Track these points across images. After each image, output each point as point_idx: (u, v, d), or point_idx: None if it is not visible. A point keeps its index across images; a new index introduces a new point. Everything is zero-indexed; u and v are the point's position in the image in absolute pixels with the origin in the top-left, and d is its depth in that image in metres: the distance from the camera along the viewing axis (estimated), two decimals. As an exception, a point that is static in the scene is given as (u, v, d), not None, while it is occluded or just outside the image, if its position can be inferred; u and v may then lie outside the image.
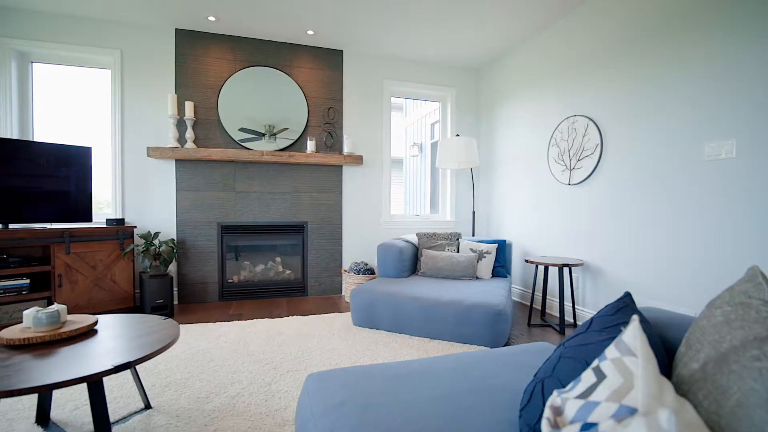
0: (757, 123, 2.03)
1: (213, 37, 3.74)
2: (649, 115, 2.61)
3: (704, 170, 2.29)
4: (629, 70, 2.75)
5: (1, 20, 3.29)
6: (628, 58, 2.76)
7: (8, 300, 2.83)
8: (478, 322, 2.59)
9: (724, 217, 2.19)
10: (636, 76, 2.70)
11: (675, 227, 2.45)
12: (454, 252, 3.59)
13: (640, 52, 2.67)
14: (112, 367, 1.27)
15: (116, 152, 3.57)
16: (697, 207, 2.33)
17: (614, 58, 2.87)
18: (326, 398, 1.25)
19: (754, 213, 2.05)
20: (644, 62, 2.64)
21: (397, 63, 4.35)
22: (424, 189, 6.59)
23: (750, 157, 2.06)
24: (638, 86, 2.68)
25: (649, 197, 2.62)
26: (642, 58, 2.66)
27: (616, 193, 2.86)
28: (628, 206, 2.77)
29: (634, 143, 2.72)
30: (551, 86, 3.51)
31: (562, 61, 3.38)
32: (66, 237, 3.04)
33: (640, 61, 2.67)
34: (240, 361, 2.31)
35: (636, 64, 2.70)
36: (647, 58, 2.62)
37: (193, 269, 3.73)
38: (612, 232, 2.90)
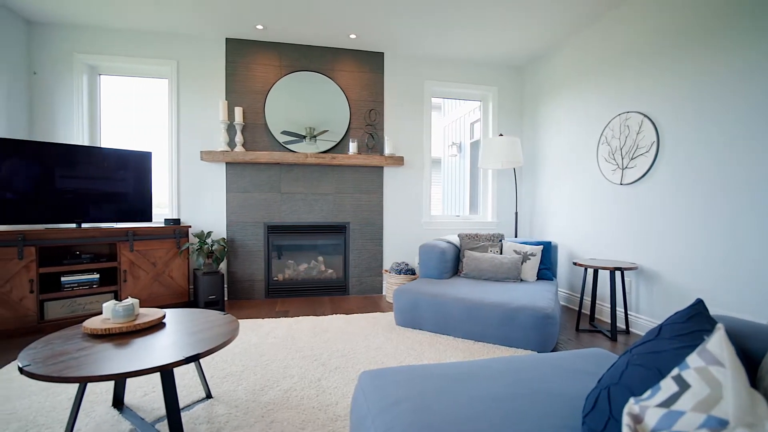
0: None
1: (260, 44, 3.90)
2: (711, 111, 2.44)
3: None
4: (689, 65, 2.59)
5: (75, 37, 3.60)
6: (688, 51, 2.60)
7: (81, 293, 3.09)
8: (525, 325, 2.53)
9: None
10: (696, 71, 2.54)
11: (737, 231, 2.29)
12: (497, 253, 3.53)
13: (701, 45, 2.50)
14: (183, 358, 1.36)
15: (172, 156, 3.80)
16: (762, 210, 2.16)
17: (672, 52, 2.71)
18: (382, 396, 1.27)
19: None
20: (706, 56, 2.48)
21: (437, 63, 4.34)
22: (463, 189, 6.51)
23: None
24: (699, 81, 2.52)
25: (709, 199, 2.46)
26: (704, 51, 2.49)
27: (674, 193, 2.70)
28: (688, 208, 2.61)
29: (695, 141, 2.56)
30: (600, 82, 3.37)
31: (611, 56, 3.23)
32: (130, 236, 3.27)
33: (701, 55, 2.51)
34: (290, 356, 2.40)
35: (697, 58, 2.54)
36: (710, 52, 2.46)
37: (241, 267, 3.90)
38: (670, 235, 2.74)
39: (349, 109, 4.05)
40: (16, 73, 3.40)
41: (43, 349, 1.45)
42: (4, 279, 2.76)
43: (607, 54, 3.29)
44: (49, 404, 1.82)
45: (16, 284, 2.81)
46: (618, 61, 3.18)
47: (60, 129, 3.60)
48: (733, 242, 2.33)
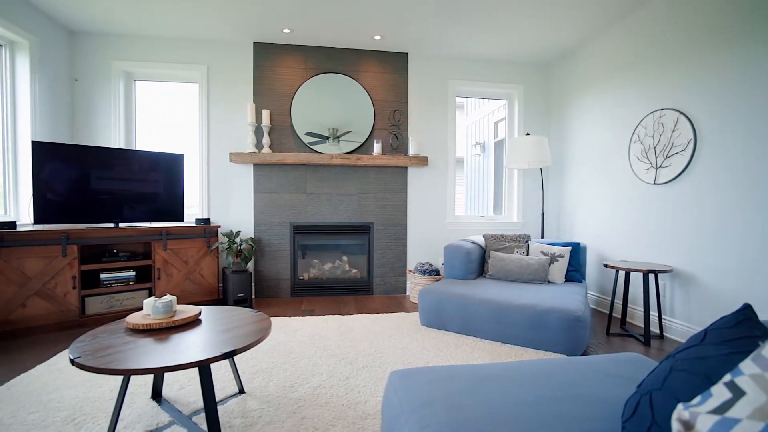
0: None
1: (287, 48, 3.97)
2: (753, 106, 2.33)
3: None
4: (729, 59, 2.48)
5: (113, 45, 3.77)
6: (728, 44, 2.49)
7: (119, 289, 3.23)
8: (553, 327, 2.49)
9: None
10: (736, 64, 2.43)
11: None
12: (523, 254, 3.47)
13: (742, 37, 2.39)
14: (221, 354, 1.41)
15: (203, 158, 3.92)
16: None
17: (710, 45, 2.60)
18: (414, 396, 1.28)
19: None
20: (747, 50, 2.37)
21: (462, 62, 4.31)
22: (487, 189, 6.44)
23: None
24: (739, 76, 2.41)
25: (752, 198, 2.35)
26: (744, 44, 2.38)
27: (713, 193, 2.60)
28: (728, 208, 2.50)
29: (736, 138, 2.45)
30: (632, 79, 3.26)
31: (644, 51, 3.13)
32: (164, 235, 3.40)
33: (741, 49, 2.40)
34: (317, 354, 2.43)
35: (737, 52, 2.43)
36: (751, 45, 2.35)
37: (268, 266, 3.99)
38: (708, 237, 2.63)
39: (374, 109, 4.07)
40: (60, 80, 3.58)
41: (91, 342, 1.52)
42: (50, 275, 2.92)
43: (639, 49, 3.19)
44: (93, 394, 1.92)
45: (61, 280, 2.97)
46: (651, 56, 3.08)
47: (99, 133, 3.77)
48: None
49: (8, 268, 2.76)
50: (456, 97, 4.37)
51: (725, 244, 2.52)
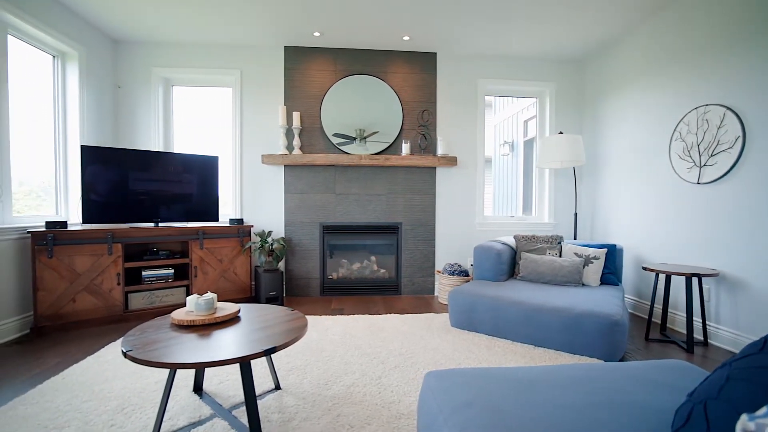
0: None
1: (316, 51, 4.03)
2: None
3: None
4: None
5: (153, 53, 3.94)
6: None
7: (158, 286, 3.38)
8: (590, 332, 2.42)
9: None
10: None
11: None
12: (555, 256, 3.39)
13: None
14: (262, 351, 1.46)
15: (236, 159, 4.04)
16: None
17: (761, 37, 2.46)
18: (452, 397, 1.28)
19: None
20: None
21: (491, 61, 4.25)
22: (516, 189, 6.32)
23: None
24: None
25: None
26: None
27: (765, 192, 2.45)
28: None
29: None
30: (673, 74, 3.13)
31: (686, 45, 2.99)
32: (200, 234, 3.53)
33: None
34: (349, 353, 2.46)
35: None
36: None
37: (298, 265, 4.07)
38: (760, 239, 2.48)
39: (402, 110, 4.08)
40: (104, 87, 3.78)
41: (140, 336, 1.60)
42: (97, 272, 3.09)
43: (681, 43, 3.05)
44: (138, 386, 2.02)
45: (106, 277, 3.13)
46: (694, 49, 2.94)
47: (139, 136, 3.95)
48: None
49: (60, 265, 2.94)
50: (485, 95, 4.31)
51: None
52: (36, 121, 3.23)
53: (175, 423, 1.67)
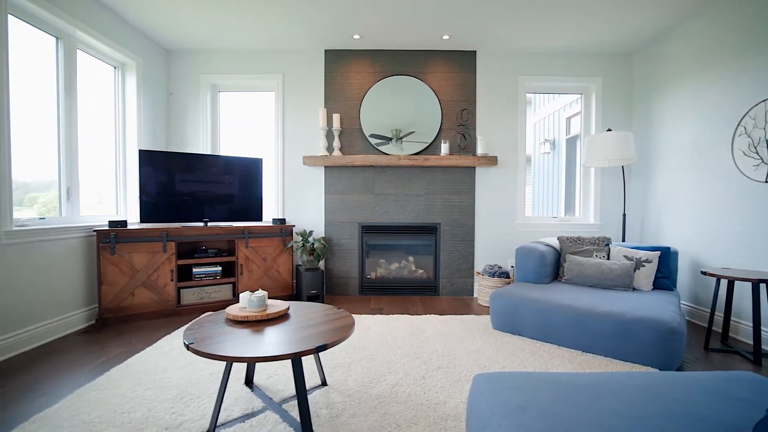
0: None
1: (356, 53, 4.09)
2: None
3: None
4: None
5: (201, 61, 4.14)
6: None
7: (207, 283, 3.55)
8: (644, 339, 2.30)
9: None
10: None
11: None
12: (603, 259, 3.26)
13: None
14: (314, 348, 1.50)
15: (278, 161, 4.17)
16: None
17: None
18: (505, 400, 1.27)
19: None
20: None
21: (533, 57, 4.13)
22: (557, 189, 6.11)
23: None
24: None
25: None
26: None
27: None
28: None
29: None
30: (735, 65, 2.91)
31: (751, 33, 2.77)
32: (245, 234, 3.67)
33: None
34: (391, 353, 2.48)
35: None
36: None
37: (337, 264, 4.14)
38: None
39: (441, 110, 4.05)
40: (158, 94, 4.02)
41: (199, 330, 1.70)
42: (153, 268, 3.29)
43: (743, 32, 2.84)
44: (194, 377, 2.13)
45: (161, 273, 3.33)
46: (760, 39, 2.72)
47: (188, 140, 4.17)
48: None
49: (121, 262, 3.15)
50: (527, 93, 4.21)
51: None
52: (98, 127, 3.48)
53: (230, 414, 1.75)
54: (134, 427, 1.65)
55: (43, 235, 2.71)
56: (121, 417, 1.73)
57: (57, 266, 2.85)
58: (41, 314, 2.72)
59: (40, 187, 2.91)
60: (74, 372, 2.25)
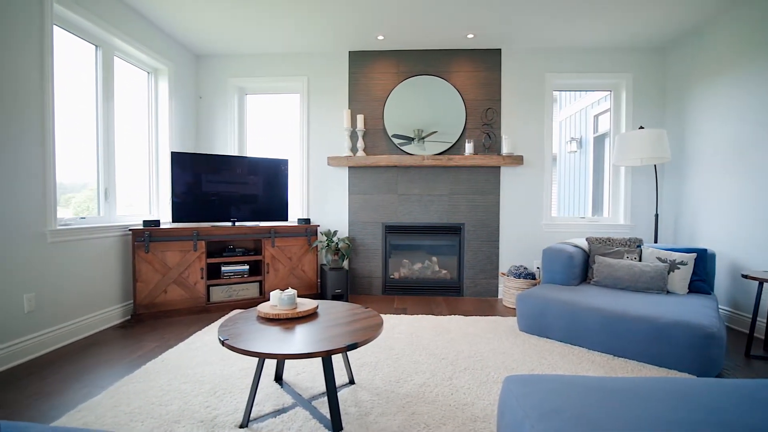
0: None
1: (379, 54, 4.11)
2: None
3: None
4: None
5: (229, 65, 4.26)
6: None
7: (235, 281, 3.64)
8: (680, 344, 2.23)
9: None
10: None
11: None
12: (635, 260, 3.16)
13: None
14: (344, 346, 1.52)
15: (303, 162, 4.24)
16: None
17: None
18: (538, 403, 1.25)
19: None
20: None
21: (559, 54, 4.05)
22: (584, 189, 5.97)
23: None
24: None
25: None
26: None
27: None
28: None
29: None
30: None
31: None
32: (272, 233, 3.74)
33: None
34: (417, 353, 2.49)
35: None
36: None
37: (361, 264, 4.17)
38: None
39: (465, 109, 4.02)
40: (188, 98, 4.15)
41: (233, 327, 1.75)
42: (185, 266, 3.40)
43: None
44: (226, 372, 2.19)
45: (192, 271, 3.44)
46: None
47: (216, 142, 4.29)
48: None
49: (155, 260, 3.27)
50: (553, 91, 4.13)
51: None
52: (133, 130, 3.63)
53: (262, 409, 1.79)
54: (171, 419, 1.72)
55: (83, 234, 2.84)
56: (159, 409, 1.80)
57: (96, 263, 2.99)
58: (82, 309, 2.86)
59: (75, 187, 3.04)
60: (113, 365, 2.36)
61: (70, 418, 1.71)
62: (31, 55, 2.45)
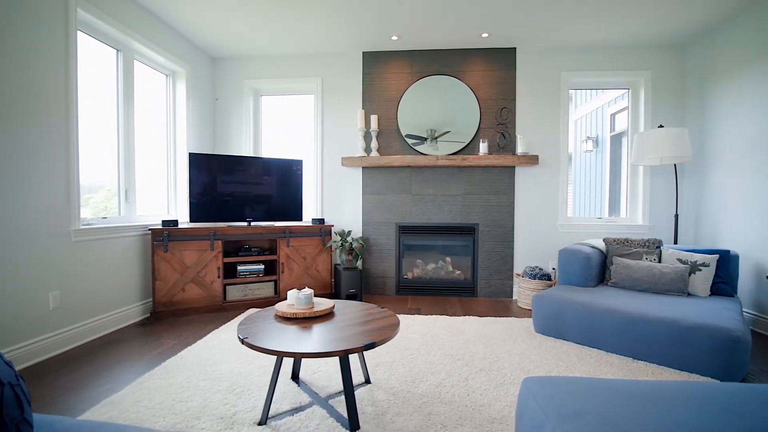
0: None
1: (393, 54, 4.11)
2: None
3: None
4: None
5: (244, 67, 4.31)
6: None
7: (251, 280, 3.68)
8: (702, 347, 2.18)
9: None
10: None
11: None
12: (654, 262, 3.10)
13: None
14: (362, 345, 1.53)
15: (317, 162, 4.27)
16: None
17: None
18: (559, 405, 1.24)
19: None
20: None
21: (576, 51, 3.99)
22: (601, 188, 5.87)
23: None
24: None
25: None
26: None
27: None
28: None
29: None
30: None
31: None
32: (287, 233, 3.78)
33: None
34: (432, 353, 2.48)
35: None
36: None
37: (375, 264, 4.18)
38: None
39: (480, 109, 4.00)
40: (205, 100, 4.22)
41: (251, 326, 1.77)
42: (202, 266, 3.46)
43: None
44: (244, 370, 2.23)
45: (209, 270, 3.49)
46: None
47: (232, 143, 4.35)
48: None
49: (173, 259, 3.34)
50: (569, 89, 4.07)
51: None
52: (151, 132, 3.70)
53: (280, 407, 1.82)
54: (192, 414, 1.75)
55: (105, 234, 2.92)
56: (179, 405, 1.83)
57: (117, 262, 3.06)
58: (104, 306, 2.93)
59: (93, 188, 3.11)
60: (134, 361, 2.41)
61: (94, 413, 1.76)
62: (57, 60, 2.52)
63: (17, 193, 2.29)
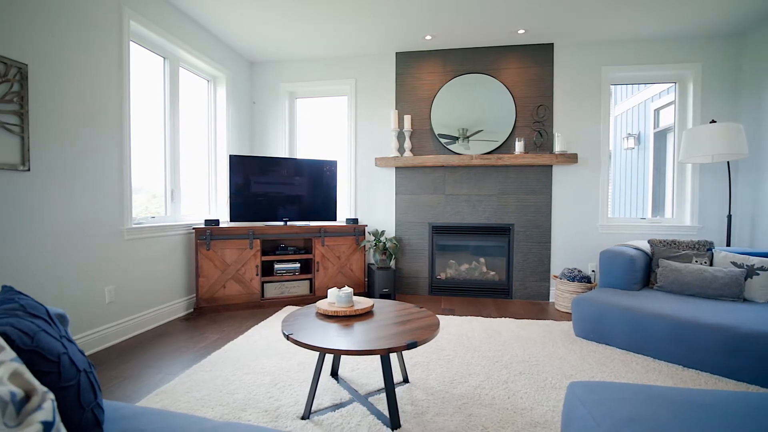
0: None
1: (426, 54, 4.10)
2: None
3: None
4: None
5: (280, 70, 4.43)
6: None
7: (287, 278, 3.78)
8: (762, 356, 2.04)
9: None
10: None
11: None
12: (705, 265, 2.93)
13: None
14: (405, 344, 1.54)
15: (351, 163, 4.32)
16: None
17: None
18: (610, 411, 1.20)
19: None
20: None
21: (617, 45, 3.84)
22: (644, 188, 5.61)
23: None
24: None
25: None
26: None
27: None
28: None
29: None
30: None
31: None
32: (322, 232, 3.85)
33: None
34: (469, 354, 2.46)
35: None
36: None
37: (408, 264, 4.19)
38: None
39: (515, 107, 3.92)
40: (243, 104, 4.36)
41: (294, 323, 1.82)
42: (241, 263, 3.58)
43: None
44: (285, 366, 2.29)
45: (248, 268, 3.61)
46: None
47: (269, 144, 4.48)
48: None
49: (215, 257, 3.48)
50: (611, 84, 3.92)
51: None
52: (193, 135, 3.87)
53: (321, 402, 1.86)
54: (239, 406, 1.82)
55: (153, 232, 3.08)
56: (226, 397, 1.91)
57: (164, 259, 3.22)
58: (152, 301, 3.09)
59: (135, 189, 3.25)
60: (182, 354, 2.53)
61: (149, 401, 1.87)
62: (111, 70, 2.69)
63: (78, 194, 2.46)
